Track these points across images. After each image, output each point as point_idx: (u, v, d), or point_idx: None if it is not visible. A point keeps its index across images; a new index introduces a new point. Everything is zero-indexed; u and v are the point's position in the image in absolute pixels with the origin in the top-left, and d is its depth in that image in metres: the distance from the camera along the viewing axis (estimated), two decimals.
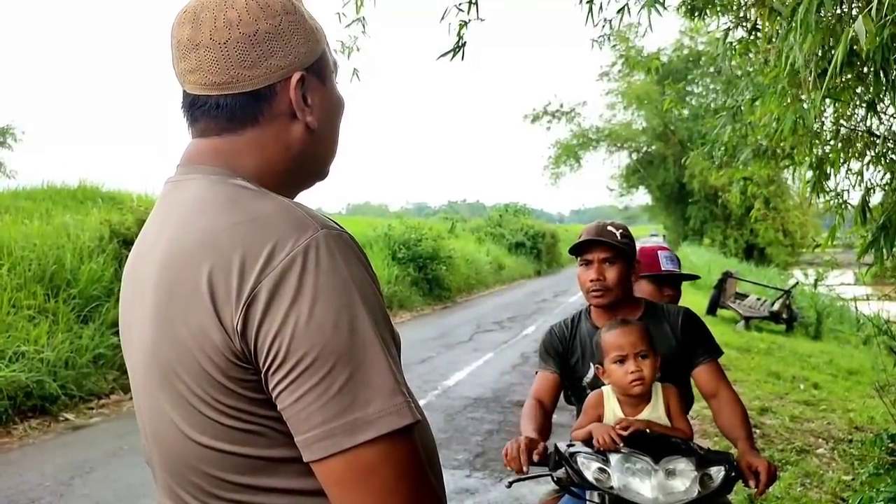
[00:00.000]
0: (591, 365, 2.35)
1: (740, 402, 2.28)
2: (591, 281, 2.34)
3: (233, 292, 0.89)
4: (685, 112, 29.35)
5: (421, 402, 6.32)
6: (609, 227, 2.40)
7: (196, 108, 1.04)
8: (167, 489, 1.04)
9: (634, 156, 37.14)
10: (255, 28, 1.00)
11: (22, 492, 4.56)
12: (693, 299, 17.01)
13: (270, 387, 0.90)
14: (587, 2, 3.53)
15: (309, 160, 1.09)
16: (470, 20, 3.37)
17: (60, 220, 9.35)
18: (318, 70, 1.07)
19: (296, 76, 1.03)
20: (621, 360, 2.10)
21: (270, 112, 1.03)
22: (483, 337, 11.38)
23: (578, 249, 2.39)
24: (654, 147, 35.42)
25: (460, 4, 3.37)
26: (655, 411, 2.12)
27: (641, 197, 41.37)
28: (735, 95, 4.38)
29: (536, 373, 2.48)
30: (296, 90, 1.03)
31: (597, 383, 2.32)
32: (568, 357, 2.44)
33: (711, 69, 28.79)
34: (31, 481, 4.75)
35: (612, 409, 2.15)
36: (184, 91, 1.05)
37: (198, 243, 0.93)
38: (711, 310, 14.37)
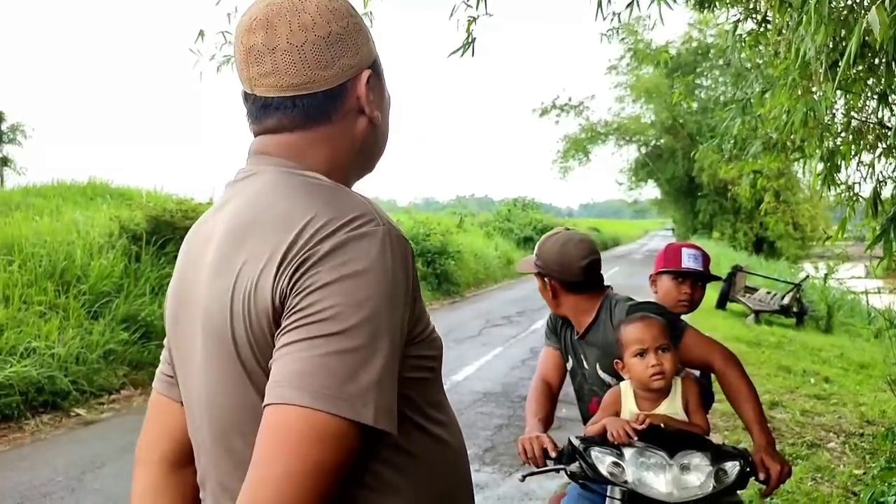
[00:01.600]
0: (570, 356, 2.45)
1: (747, 382, 2.17)
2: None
3: (289, 258, 0.93)
4: (694, 105, 29.23)
5: None
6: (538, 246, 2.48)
7: (271, 108, 1.08)
8: (226, 459, 1.05)
9: (643, 149, 37.07)
10: (328, 30, 1.05)
11: (34, 487, 4.59)
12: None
13: (278, 332, 0.93)
14: None
15: (368, 152, 1.16)
16: (478, 16, 3.36)
17: (70, 216, 9.41)
18: (377, 68, 1.14)
19: (366, 73, 1.10)
20: (641, 354, 2.09)
21: (343, 109, 1.09)
22: (492, 331, 11.37)
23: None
24: (662, 140, 35.33)
25: (468, 0, 3.36)
26: (673, 406, 2.11)
27: (650, 191, 41.34)
28: (745, 88, 4.36)
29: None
30: (365, 87, 1.09)
31: (574, 374, 2.44)
32: (559, 340, 2.52)
33: (720, 61, 28.63)
34: (44, 476, 4.78)
35: (629, 406, 2.14)
36: (251, 95, 1.09)
37: (268, 216, 0.99)
38: (721, 304, 14.33)
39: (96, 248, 8.17)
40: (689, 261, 2.98)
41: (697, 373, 2.35)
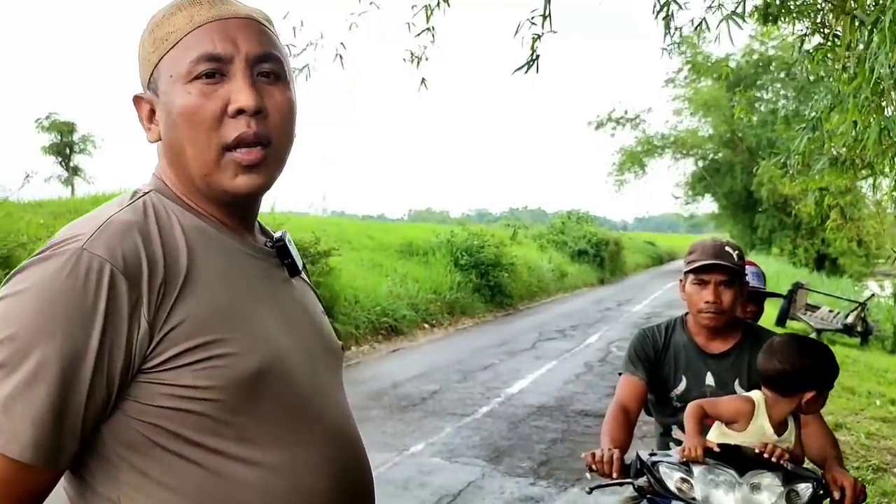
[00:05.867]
0: (683, 378, 2.35)
1: (831, 432, 2.24)
2: (707, 303, 2.31)
3: None
4: (754, 119, 28.62)
5: (484, 409, 6.25)
6: (727, 248, 2.36)
7: None
8: None
9: (700, 163, 36.48)
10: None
11: None
12: None
13: None
14: (664, 18, 3.50)
15: (183, 174, 1.07)
16: (543, 33, 3.39)
17: None
18: (154, 84, 1.07)
19: (133, 97, 1.11)
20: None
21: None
22: (545, 345, 11.33)
23: (696, 267, 2.35)
24: (721, 154, 34.72)
25: (533, 18, 3.39)
26: (791, 433, 2.08)
27: (707, 205, 40.61)
28: (813, 105, 4.28)
29: (620, 374, 2.46)
30: (140, 110, 1.10)
31: (686, 396, 2.31)
32: (658, 366, 2.41)
33: (782, 74, 28.03)
34: None
35: (761, 421, 2.05)
36: None
37: None
38: (781, 321, 14.01)
39: None
40: (753, 279, 3.01)
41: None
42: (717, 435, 2.08)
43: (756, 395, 2.10)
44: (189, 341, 0.95)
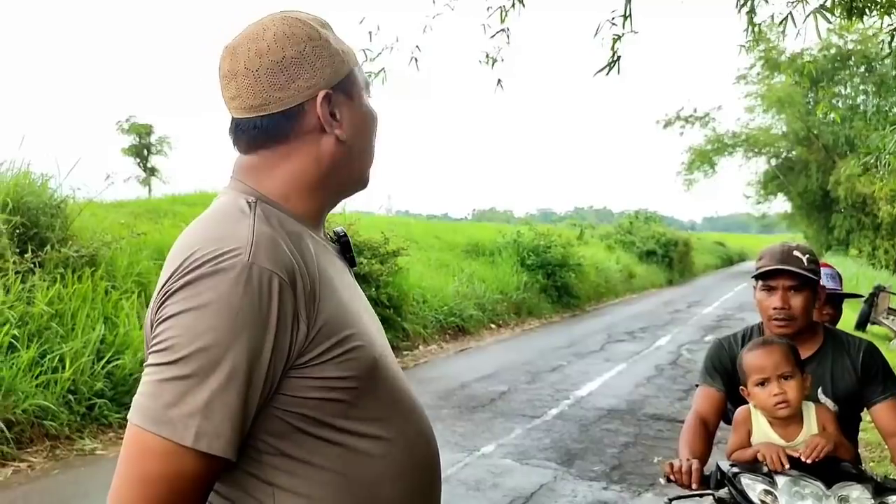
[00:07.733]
0: None
1: None
2: (775, 309, 2.25)
3: (162, 290, 1.05)
4: (833, 116, 27.64)
5: (553, 412, 6.20)
6: (795, 253, 2.29)
7: (239, 129, 1.18)
8: None
9: (773, 161, 35.48)
10: (281, 55, 1.14)
11: None
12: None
13: None
14: (748, 13, 3.42)
15: (342, 170, 1.21)
16: (624, 34, 3.33)
17: None
18: (346, 88, 1.20)
19: (321, 94, 1.15)
20: (764, 383, 2.05)
21: (301, 128, 1.16)
22: (614, 347, 11.19)
23: (762, 273, 2.29)
24: (795, 152, 33.68)
25: (613, 19, 3.34)
26: (809, 434, 2.04)
27: (780, 204, 39.49)
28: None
29: (696, 386, 2.43)
30: (322, 107, 1.16)
31: None
32: (737, 376, 2.37)
33: (862, 69, 27.00)
34: None
35: (762, 429, 2.09)
36: (231, 116, 1.21)
37: (175, 248, 1.11)
38: (861, 326, 13.49)
39: None
40: (827, 281, 2.93)
41: (832, 404, 2.25)
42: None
43: (751, 405, 2.15)
44: (331, 339, 1.08)
